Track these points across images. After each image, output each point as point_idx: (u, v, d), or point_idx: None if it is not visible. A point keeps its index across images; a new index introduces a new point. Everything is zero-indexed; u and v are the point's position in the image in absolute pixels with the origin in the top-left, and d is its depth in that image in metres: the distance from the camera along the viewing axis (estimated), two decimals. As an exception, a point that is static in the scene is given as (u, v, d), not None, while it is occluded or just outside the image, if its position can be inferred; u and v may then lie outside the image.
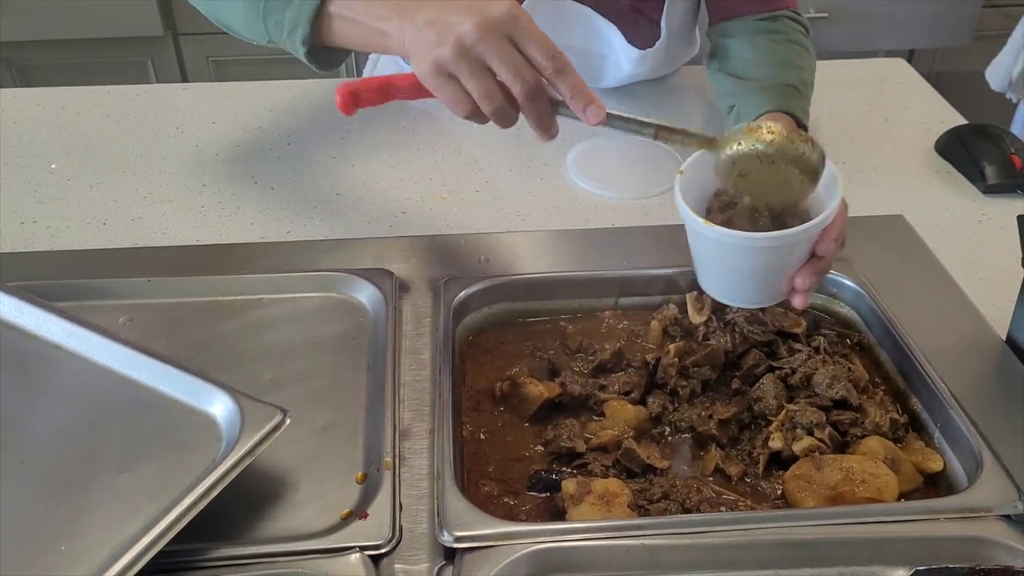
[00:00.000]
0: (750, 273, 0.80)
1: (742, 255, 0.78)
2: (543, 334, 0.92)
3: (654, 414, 0.82)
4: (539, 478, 0.76)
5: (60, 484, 0.69)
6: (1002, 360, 0.86)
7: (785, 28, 1.18)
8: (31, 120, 1.25)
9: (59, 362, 0.79)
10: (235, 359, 0.86)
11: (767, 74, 1.12)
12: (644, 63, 1.25)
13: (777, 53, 1.15)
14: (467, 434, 0.81)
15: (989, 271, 0.99)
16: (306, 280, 0.94)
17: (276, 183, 1.12)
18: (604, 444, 0.78)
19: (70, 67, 2.20)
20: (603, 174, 1.14)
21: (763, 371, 0.85)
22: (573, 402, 0.83)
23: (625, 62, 1.25)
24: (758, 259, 0.78)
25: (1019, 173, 1.12)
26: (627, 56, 1.24)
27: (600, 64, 1.27)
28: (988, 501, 0.71)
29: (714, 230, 0.76)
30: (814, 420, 0.78)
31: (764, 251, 0.77)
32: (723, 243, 0.77)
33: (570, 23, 1.21)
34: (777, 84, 1.10)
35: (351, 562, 0.67)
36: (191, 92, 1.34)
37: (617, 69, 1.27)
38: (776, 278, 0.80)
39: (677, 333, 0.91)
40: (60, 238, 1.02)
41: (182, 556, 0.66)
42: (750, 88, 1.11)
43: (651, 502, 0.73)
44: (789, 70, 1.13)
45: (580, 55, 1.25)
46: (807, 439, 0.77)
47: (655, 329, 0.90)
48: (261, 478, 0.74)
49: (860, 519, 0.70)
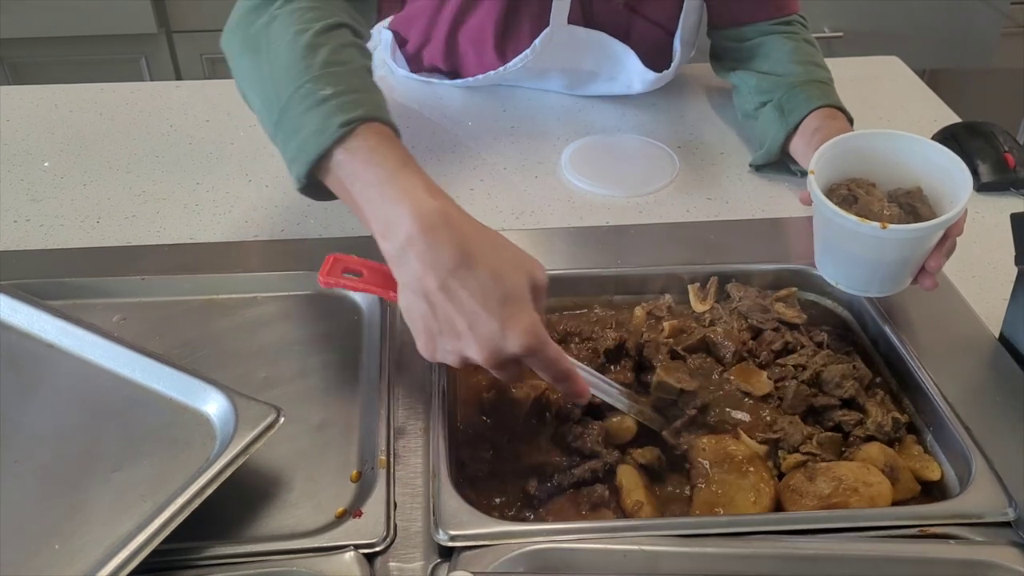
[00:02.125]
0: (898, 262, 0.85)
1: (897, 247, 0.83)
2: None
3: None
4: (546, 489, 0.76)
5: (54, 483, 0.68)
6: (995, 358, 0.86)
7: (799, 30, 1.21)
8: (24, 118, 1.24)
9: (53, 361, 0.79)
10: (229, 357, 0.86)
11: (802, 70, 1.15)
12: (656, 83, 1.27)
13: (803, 51, 1.18)
14: (462, 432, 0.81)
15: (983, 269, 0.99)
16: (300, 279, 0.94)
17: (270, 181, 1.12)
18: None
19: (63, 64, 2.19)
20: (598, 172, 1.14)
21: (780, 347, 0.86)
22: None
23: (638, 83, 1.27)
24: (910, 248, 0.83)
25: (1012, 171, 1.12)
26: (641, 79, 1.26)
27: (609, 84, 1.29)
28: (979, 508, 0.71)
29: (869, 226, 0.80)
30: (798, 438, 0.78)
31: (917, 241, 0.82)
32: (879, 236, 0.81)
33: (586, 49, 1.23)
34: (814, 80, 1.13)
35: (345, 560, 0.66)
36: (185, 90, 1.33)
37: (627, 87, 1.29)
38: (909, 266, 0.85)
39: (665, 316, 0.91)
40: (53, 236, 1.02)
41: (176, 555, 0.66)
42: (790, 83, 1.13)
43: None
44: (818, 68, 1.16)
45: (591, 76, 1.26)
46: (792, 457, 0.77)
47: (638, 315, 0.91)
48: (255, 477, 0.74)
49: (853, 523, 0.70)
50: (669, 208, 1.09)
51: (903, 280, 0.87)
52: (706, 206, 1.09)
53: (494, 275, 0.68)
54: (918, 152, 0.88)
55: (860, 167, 0.89)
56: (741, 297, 0.91)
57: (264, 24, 0.82)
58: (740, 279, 0.94)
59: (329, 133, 0.74)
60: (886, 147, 0.90)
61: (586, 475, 0.76)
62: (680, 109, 1.30)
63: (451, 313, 0.68)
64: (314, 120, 0.75)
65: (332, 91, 0.76)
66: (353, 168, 0.74)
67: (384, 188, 0.71)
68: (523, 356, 0.68)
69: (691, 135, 1.24)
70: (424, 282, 0.68)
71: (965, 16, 2.28)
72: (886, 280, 0.86)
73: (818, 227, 0.89)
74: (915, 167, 0.88)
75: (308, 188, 0.80)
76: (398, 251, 0.70)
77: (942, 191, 0.86)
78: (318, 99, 0.76)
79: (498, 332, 0.67)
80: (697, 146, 1.21)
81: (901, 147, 0.89)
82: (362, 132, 0.74)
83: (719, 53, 1.28)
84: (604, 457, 0.77)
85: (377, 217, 0.72)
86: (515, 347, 0.67)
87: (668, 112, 1.29)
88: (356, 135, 0.74)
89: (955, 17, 2.28)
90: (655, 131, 1.24)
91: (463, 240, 0.69)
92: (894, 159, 0.89)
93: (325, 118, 0.75)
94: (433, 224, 0.69)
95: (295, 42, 0.79)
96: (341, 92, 0.76)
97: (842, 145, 0.89)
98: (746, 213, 1.08)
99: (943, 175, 0.86)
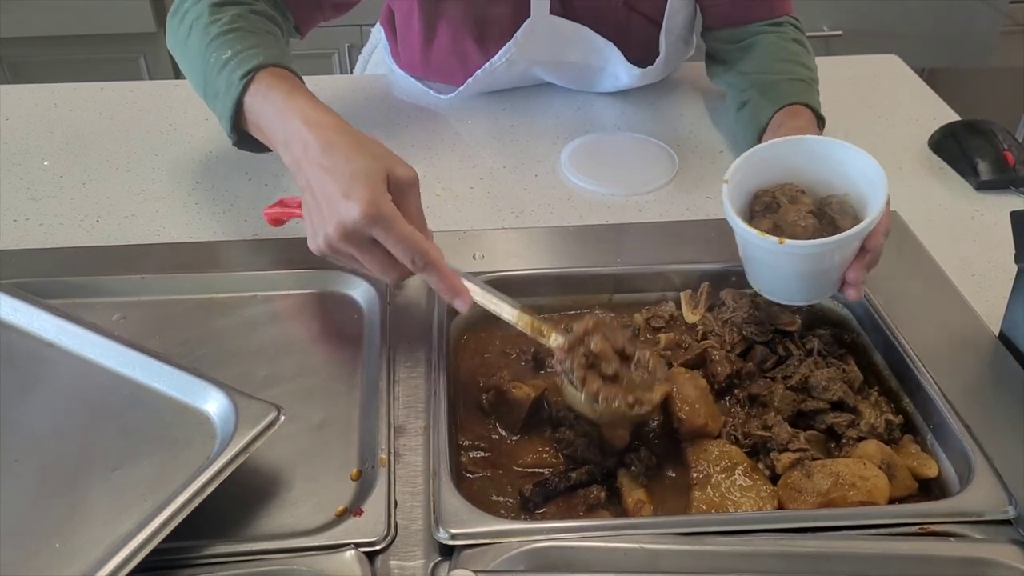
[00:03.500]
0: (804, 274, 0.83)
1: (796, 261, 0.81)
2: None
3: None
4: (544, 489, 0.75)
5: (54, 482, 0.68)
6: (995, 356, 0.86)
7: (789, 31, 1.21)
8: (23, 117, 1.24)
9: (52, 360, 0.78)
10: (229, 356, 0.85)
11: (781, 68, 1.15)
12: (643, 78, 1.27)
13: (788, 51, 1.18)
14: (461, 431, 0.81)
15: (982, 267, 0.99)
16: (300, 277, 0.94)
17: (270, 180, 1.12)
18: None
19: (62, 63, 2.19)
20: (597, 171, 1.14)
21: (771, 366, 0.86)
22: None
23: (624, 76, 1.26)
24: (812, 262, 0.81)
25: (1012, 169, 1.12)
26: (627, 72, 1.25)
27: (597, 76, 1.28)
28: (979, 506, 0.71)
29: (767, 240, 0.79)
30: (784, 439, 0.78)
31: (817, 256, 0.80)
32: (777, 251, 0.80)
33: (568, 41, 1.22)
34: (791, 79, 1.13)
35: (346, 559, 0.66)
36: (184, 89, 1.33)
37: (615, 80, 1.28)
38: (828, 276, 0.83)
39: (663, 328, 0.91)
40: (53, 235, 1.02)
41: (176, 553, 0.66)
42: (766, 82, 1.13)
43: None
44: (800, 67, 1.16)
45: (578, 69, 1.26)
46: (785, 456, 0.77)
47: (638, 321, 0.91)
48: (256, 475, 0.74)
49: (853, 521, 0.70)
50: (669, 207, 1.09)
51: (823, 290, 0.85)
52: (706, 204, 1.09)
53: (347, 158, 0.77)
54: (845, 158, 0.85)
55: (792, 174, 0.87)
56: (735, 308, 0.90)
57: (179, 20, 0.99)
58: (739, 278, 0.94)
59: (235, 87, 0.88)
60: (813, 153, 0.87)
61: (583, 478, 0.76)
62: (680, 108, 1.30)
63: (316, 196, 0.78)
64: (223, 80, 0.90)
65: (231, 52, 0.90)
66: (258, 108, 0.87)
67: (278, 116, 0.84)
68: (366, 226, 0.75)
69: (691, 134, 1.24)
70: (305, 174, 0.79)
71: (964, 15, 2.29)
72: (802, 290, 0.85)
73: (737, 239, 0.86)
74: (846, 174, 0.85)
75: (241, 143, 0.94)
76: (292, 160, 0.82)
77: (869, 200, 0.83)
78: (222, 62, 0.90)
79: (342, 203, 0.75)
80: (697, 145, 1.21)
81: (829, 153, 0.86)
82: (260, 77, 0.88)
83: (713, 55, 1.28)
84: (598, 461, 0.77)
85: (278, 140, 0.84)
86: (355, 214, 0.74)
87: (668, 111, 1.29)
88: (256, 81, 0.88)
89: (954, 16, 2.28)
90: (655, 130, 1.24)
91: (333, 136, 0.79)
92: (825, 165, 0.86)
93: (229, 75, 0.89)
94: (314, 129, 0.80)
95: (201, 23, 0.95)
96: (238, 51, 0.90)
97: (760, 153, 0.87)
98: (746, 212, 1.08)
99: (868, 184, 0.83)
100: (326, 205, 0.76)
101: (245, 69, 0.88)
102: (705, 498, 0.74)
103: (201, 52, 0.93)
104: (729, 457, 0.76)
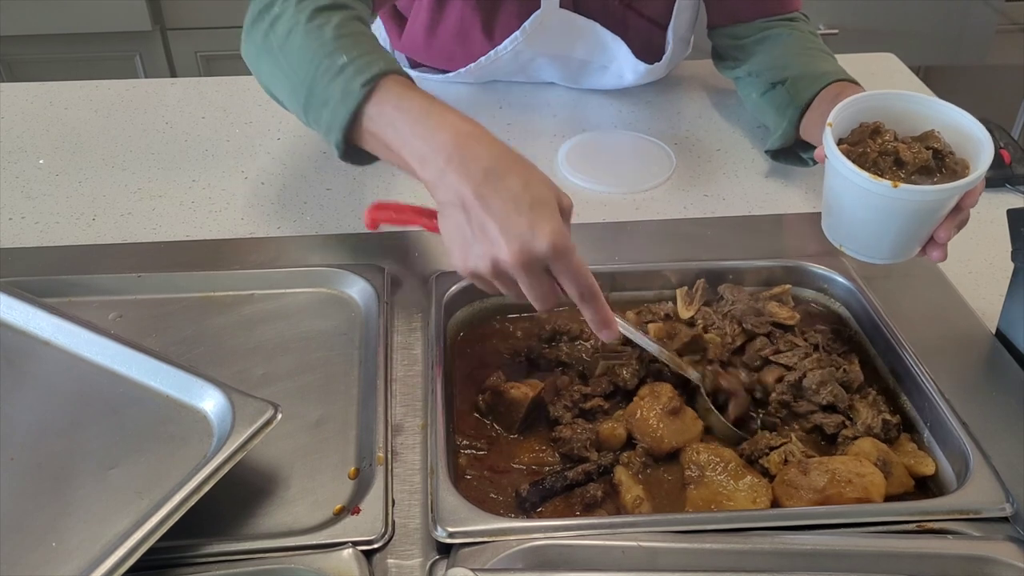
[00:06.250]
0: (905, 226, 0.80)
1: (905, 209, 0.79)
2: (534, 327, 0.91)
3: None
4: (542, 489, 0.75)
5: (50, 480, 0.68)
6: (991, 354, 0.87)
7: (802, 26, 1.21)
8: (19, 115, 1.24)
9: (49, 358, 0.78)
10: (226, 355, 0.85)
11: (813, 53, 1.15)
12: (648, 75, 1.27)
13: (811, 41, 1.18)
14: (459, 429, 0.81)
15: (979, 265, 0.99)
16: (297, 276, 0.93)
17: (266, 178, 1.12)
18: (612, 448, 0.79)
19: (58, 62, 2.18)
20: (594, 169, 1.14)
21: (770, 353, 0.86)
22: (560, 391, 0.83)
23: (630, 73, 1.26)
24: (922, 212, 0.79)
25: (1008, 167, 1.12)
26: (633, 69, 1.25)
27: (601, 73, 1.28)
28: (977, 503, 0.71)
29: (879, 184, 0.76)
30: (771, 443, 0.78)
31: (931, 205, 0.78)
32: (888, 196, 0.77)
33: (576, 36, 1.22)
34: (826, 59, 1.13)
35: (343, 557, 0.66)
36: (180, 87, 1.33)
37: (619, 78, 1.28)
38: (924, 230, 0.81)
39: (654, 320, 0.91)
40: (49, 234, 1.02)
41: (173, 552, 0.66)
42: (802, 65, 1.12)
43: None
44: (828, 56, 1.15)
45: (583, 65, 1.26)
46: (773, 455, 0.77)
47: (630, 319, 0.90)
48: (253, 474, 0.74)
49: (850, 519, 0.70)
50: (666, 205, 1.09)
51: (910, 248, 0.83)
52: (703, 202, 1.09)
53: (524, 183, 0.73)
54: (941, 115, 0.84)
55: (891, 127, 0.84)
56: (734, 301, 0.90)
57: (269, 25, 0.88)
58: (736, 275, 0.94)
59: (354, 95, 0.80)
60: (907, 108, 0.85)
61: (579, 477, 0.76)
62: (677, 106, 1.30)
63: (484, 218, 0.72)
64: (338, 88, 0.81)
65: (347, 58, 0.82)
66: (385, 118, 0.80)
67: (416, 127, 0.77)
68: (551, 258, 0.71)
69: (688, 132, 1.24)
70: (460, 192, 0.73)
71: (960, 13, 2.29)
72: (892, 246, 0.83)
73: (828, 184, 0.84)
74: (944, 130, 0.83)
75: (347, 154, 0.85)
76: (437, 173, 0.75)
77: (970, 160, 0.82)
78: (337, 69, 0.82)
79: (527, 231, 0.71)
80: (694, 143, 1.21)
81: (922, 109, 0.84)
82: (384, 85, 0.80)
83: (721, 52, 1.27)
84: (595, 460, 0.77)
85: (414, 153, 0.77)
86: (543, 246, 0.71)
87: (665, 109, 1.29)
88: (380, 89, 0.80)
89: (950, 14, 2.29)
90: (652, 128, 1.24)
91: (496, 154, 0.74)
92: (914, 122, 0.84)
93: (347, 82, 0.81)
94: (468, 142, 0.75)
95: (302, 29, 0.85)
96: (355, 57, 0.82)
97: (864, 102, 0.85)
98: (742, 209, 1.08)
99: (964, 140, 0.82)
100: (500, 230, 0.71)
101: (367, 76, 0.80)
102: (700, 495, 0.74)
103: (307, 60, 0.84)
104: (720, 456, 0.76)
